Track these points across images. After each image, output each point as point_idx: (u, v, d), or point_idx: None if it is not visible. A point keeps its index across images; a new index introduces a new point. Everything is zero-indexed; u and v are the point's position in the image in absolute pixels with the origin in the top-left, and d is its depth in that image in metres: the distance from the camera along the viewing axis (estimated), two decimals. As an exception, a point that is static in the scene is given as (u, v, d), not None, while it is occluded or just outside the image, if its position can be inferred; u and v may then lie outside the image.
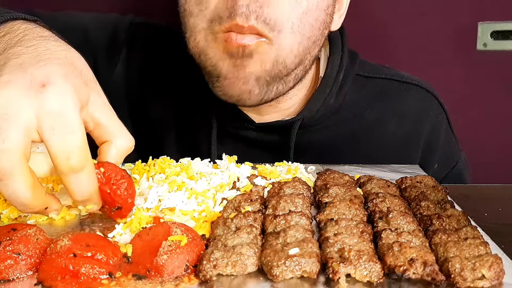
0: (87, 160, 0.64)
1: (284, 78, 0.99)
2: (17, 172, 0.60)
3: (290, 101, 1.12)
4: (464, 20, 1.67)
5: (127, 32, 1.17)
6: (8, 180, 0.60)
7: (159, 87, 1.18)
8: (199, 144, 1.15)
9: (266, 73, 0.95)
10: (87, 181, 0.65)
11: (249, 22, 0.90)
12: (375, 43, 1.67)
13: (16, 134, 0.60)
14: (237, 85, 0.95)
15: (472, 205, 0.81)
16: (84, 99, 0.66)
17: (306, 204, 0.75)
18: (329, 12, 1.01)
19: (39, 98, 0.61)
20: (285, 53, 0.95)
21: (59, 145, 0.62)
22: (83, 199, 0.68)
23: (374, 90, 1.18)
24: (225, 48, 0.93)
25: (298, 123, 1.10)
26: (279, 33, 0.93)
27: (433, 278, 0.55)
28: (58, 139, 0.61)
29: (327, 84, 1.11)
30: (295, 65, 0.98)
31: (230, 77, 0.95)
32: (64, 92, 0.62)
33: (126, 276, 0.58)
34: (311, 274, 0.57)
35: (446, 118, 1.23)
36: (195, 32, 0.97)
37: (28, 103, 0.61)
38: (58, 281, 0.56)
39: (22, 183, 0.61)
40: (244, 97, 0.97)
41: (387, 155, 1.14)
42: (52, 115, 0.61)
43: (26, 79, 0.62)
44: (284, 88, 1.01)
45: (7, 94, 0.61)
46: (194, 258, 0.60)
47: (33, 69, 0.63)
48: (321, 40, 1.03)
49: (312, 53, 1.02)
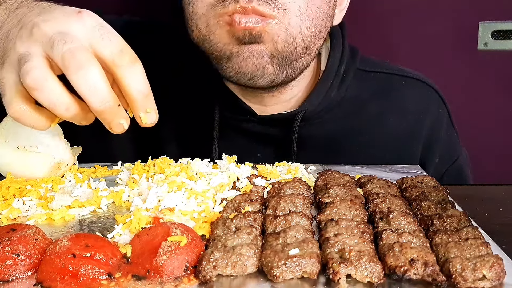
0: (137, 57, 0.72)
1: (293, 63, 1.00)
2: (94, 63, 0.68)
3: (291, 91, 1.12)
4: (465, 20, 1.67)
5: (121, 32, 1.17)
6: (87, 70, 0.67)
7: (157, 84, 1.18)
8: (200, 138, 1.15)
9: (279, 53, 0.96)
10: (143, 76, 0.72)
11: (251, 3, 0.90)
12: (375, 43, 1.66)
13: (78, 41, 0.69)
14: (251, 59, 0.95)
15: (473, 205, 0.81)
16: None
17: (307, 204, 0.74)
18: (331, 5, 1.02)
19: (81, 19, 0.71)
20: (294, 33, 0.96)
21: (113, 45, 0.70)
22: (144, 95, 0.72)
23: (375, 84, 1.19)
24: (231, 32, 0.94)
25: (300, 115, 1.10)
26: (285, 12, 0.93)
27: (434, 278, 0.55)
28: (110, 42, 0.70)
29: (328, 77, 1.12)
30: (304, 49, 0.99)
31: (245, 53, 0.95)
32: (95, 15, 0.73)
33: (125, 277, 0.57)
34: (311, 275, 0.56)
35: (447, 112, 1.24)
36: (196, 19, 0.97)
37: (75, 25, 0.70)
38: (57, 281, 0.56)
39: (99, 73, 0.68)
40: (258, 73, 0.97)
41: (388, 149, 1.15)
42: (97, 27, 0.71)
43: (60, 14, 0.72)
44: (292, 74, 1.02)
45: (54, 24, 0.70)
46: (194, 258, 0.59)
47: (59, 8, 0.74)
48: (325, 33, 1.04)
49: (317, 43, 1.03)
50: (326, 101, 1.12)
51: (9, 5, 0.81)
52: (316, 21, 0.98)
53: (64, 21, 0.71)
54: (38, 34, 0.70)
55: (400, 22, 1.70)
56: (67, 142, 0.91)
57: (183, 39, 1.03)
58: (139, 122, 0.74)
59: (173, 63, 1.18)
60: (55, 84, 0.69)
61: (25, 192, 0.81)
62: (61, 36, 0.68)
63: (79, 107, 0.71)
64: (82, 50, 0.68)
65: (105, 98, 0.69)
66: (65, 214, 0.76)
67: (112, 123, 0.72)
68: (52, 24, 0.70)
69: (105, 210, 0.79)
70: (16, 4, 0.81)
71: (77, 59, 0.67)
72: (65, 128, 0.92)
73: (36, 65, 0.68)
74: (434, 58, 1.70)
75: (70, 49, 0.67)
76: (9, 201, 0.78)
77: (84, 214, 0.77)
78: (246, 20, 0.91)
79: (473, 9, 1.66)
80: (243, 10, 0.91)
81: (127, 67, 0.70)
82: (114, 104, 0.70)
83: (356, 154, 1.13)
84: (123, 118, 0.72)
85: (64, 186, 0.85)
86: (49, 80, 0.68)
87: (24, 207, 0.77)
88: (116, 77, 0.71)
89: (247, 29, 0.92)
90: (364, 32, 1.59)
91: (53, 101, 0.69)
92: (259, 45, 0.94)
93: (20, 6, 0.80)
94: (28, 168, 0.86)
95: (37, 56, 0.69)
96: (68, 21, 0.71)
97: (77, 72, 0.67)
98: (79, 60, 0.67)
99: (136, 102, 0.72)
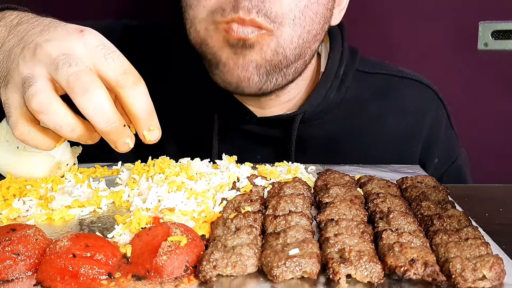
0: (140, 77, 0.72)
1: (284, 70, 1.00)
2: (98, 86, 0.68)
3: (289, 94, 1.12)
4: (465, 20, 1.67)
5: (120, 35, 1.17)
6: (92, 93, 0.67)
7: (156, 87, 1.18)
8: (200, 140, 1.15)
9: (266, 62, 0.96)
10: (146, 95, 0.72)
11: (250, 16, 0.90)
12: (375, 43, 1.66)
13: (82, 63, 0.70)
14: (236, 71, 0.96)
15: (472, 205, 0.81)
16: None
17: (307, 204, 0.74)
18: (329, 7, 1.02)
19: (84, 38, 0.71)
20: (285, 44, 0.96)
21: (116, 65, 0.70)
22: (147, 114, 0.72)
23: (374, 85, 1.19)
24: (225, 38, 0.94)
25: (300, 117, 1.10)
26: (280, 25, 0.94)
27: (434, 278, 0.55)
28: (114, 63, 0.70)
29: (328, 78, 1.12)
30: (295, 57, 0.99)
31: (230, 63, 0.95)
32: (98, 33, 0.73)
33: (125, 277, 0.57)
34: (311, 275, 0.56)
35: (446, 113, 1.25)
36: (196, 22, 0.98)
37: (78, 44, 0.71)
38: (57, 281, 0.56)
39: (104, 95, 0.68)
40: (243, 84, 0.97)
41: (388, 149, 1.16)
42: (99, 47, 0.71)
43: (62, 34, 0.72)
44: (283, 80, 1.02)
45: (56, 45, 0.70)
46: (194, 258, 0.59)
47: (61, 26, 0.74)
48: (321, 35, 1.04)
49: (312, 47, 1.03)
50: (325, 102, 1.12)
51: (9, 21, 0.81)
52: (310, 27, 0.98)
53: (67, 41, 0.71)
54: (42, 55, 0.70)
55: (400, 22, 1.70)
56: (67, 142, 0.91)
57: (182, 41, 1.03)
58: (143, 140, 0.75)
59: (172, 66, 1.18)
60: (60, 107, 0.70)
61: (25, 192, 0.80)
62: (65, 58, 0.69)
63: (84, 127, 0.72)
64: (86, 72, 0.68)
65: (111, 120, 0.70)
66: (65, 214, 0.76)
67: (117, 142, 0.73)
68: (55, 44, 0.70)
69: (105, 210, 0.79)
70: (16, 21, 0.80)
71: (82, 82, 0.68)
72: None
73: (40, 89, 0.69)
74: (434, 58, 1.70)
75: (75, 73, 0.68)
76: (9, 201, 0.78)
77: (84, 214, 0.77)
78: (243, 30, 0.91)
79: (473, 9, 1.66)
80: (241, 21, 0.91)
81: (131, 88, 0.71)
82: (119, 125, 0.71)
83: (355, 155, 1.13)
84: (128, 137, 0.73)
85: (64, 186, 0.85)
86: (53, 103, 0.69)
87: (24, 207, 0.77)
88: (120, 96, 0.71)
89: (242, 39, 0.92)
90: (363, 32, 1.59)
91: (58, 123, 0.70)
92: (245, 54, 0.94)
93: (21, 23, 0.79)
94: (28, 168, 0.86)
95: (41, 78, 0.69)
96: (70, 41, 0.71)
97: (82, 95, 0.68)
98: (84, 83, 0.68)
99: (139, 121, 0.73)
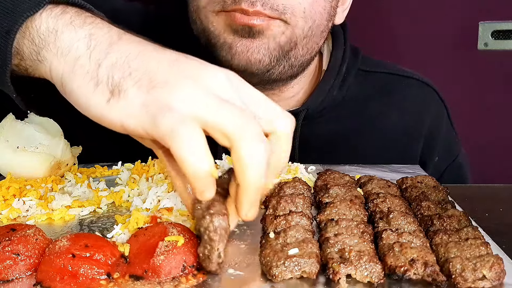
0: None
1: (292, 60, 1.00)
2: (262, 140, 0.57)
3: (292, 89, 1.13)
4: (465, 20, 1.67)
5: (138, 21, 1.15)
6: (257, 146, 0.56)
7: None
8: None
9: (280, 48, 0.96)
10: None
11: (254, 8, 0.90)
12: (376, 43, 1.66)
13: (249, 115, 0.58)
14: (245, 55, 0.94)
15: (473, 205, 0.81)
16: None
17: (307, 204, 0.74)
18: (333, 5, 1.03)
19: (201, 78, 0.58)
20: (298, 33, 0.97)
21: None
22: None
23: (376, 84, 1.20)
24: (227, 22, 0.93)
25: (303, 113, 1.11)
26: (292, 15, 0.94)
27: (434, 278, 0.55)
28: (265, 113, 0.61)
29: (330, 76, 1.13)
30: (304, 48, 1.00)
31: (237, 46, 0.94)
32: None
33: (123, 277, 0.57)
34: (311, 275, 0.56)
35: (446, 112, 1.26)
36: (198, 12, 0.98)
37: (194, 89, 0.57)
38: (57, 281, 0.56)
39: (265, 149, 0.57)
40: (253, 66, 0.96)
41: (388, 148, 1.16)
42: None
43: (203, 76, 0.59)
44: (289, 70, 1.02)
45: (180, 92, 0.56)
46: (191, 258, 0.59)
47: (168, 53, 0.60)
48: (326, 32, 1.05)
49: (319, 42, 1.04)
50: (328, 100, 1.13)
51: (100, 35, 0.60)
52: (319, 21, 0.99)
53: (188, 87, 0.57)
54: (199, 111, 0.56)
55: (400, 22, 1.70)
56: (67, 142, 0.91)
57: (188, 33, 1.03)
58: (240, 216, 0.61)
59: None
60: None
61: (25, 192, 0.80)
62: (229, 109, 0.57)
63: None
64: (253, 124, 0.57)
65: (262, 174, 0.57)
66: (65, 214, 0.76)
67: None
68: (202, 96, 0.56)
69: (105, 210, 0.79)
70: (115, 38, 0.61)
71: (250, 133, 0.56)
72: (65, 128, 0.92)
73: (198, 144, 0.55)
74: (434, 58, 1.70)
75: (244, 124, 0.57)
76: (9, 201, 0.78)
77: (84, 214, 0.77)
78: (247, 18, 0.91)
79: (473, 9, 1.66)
80: (244, 11, 0.90)
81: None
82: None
83: (357, 153, 1.14)
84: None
85: (64, 186, 0.85)
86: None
87: (24, 207, 0.77)
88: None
89: (247, 25, 0.91)
90: (364, 32, 1.59)
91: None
92: (254, 40, 0.93)
93: (120, 41, 0.60)
94: (28, 168, 0.86)
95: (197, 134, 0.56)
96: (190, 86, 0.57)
97: (250, 147, 0.56)
98: (252, 133, 0.56)
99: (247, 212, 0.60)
